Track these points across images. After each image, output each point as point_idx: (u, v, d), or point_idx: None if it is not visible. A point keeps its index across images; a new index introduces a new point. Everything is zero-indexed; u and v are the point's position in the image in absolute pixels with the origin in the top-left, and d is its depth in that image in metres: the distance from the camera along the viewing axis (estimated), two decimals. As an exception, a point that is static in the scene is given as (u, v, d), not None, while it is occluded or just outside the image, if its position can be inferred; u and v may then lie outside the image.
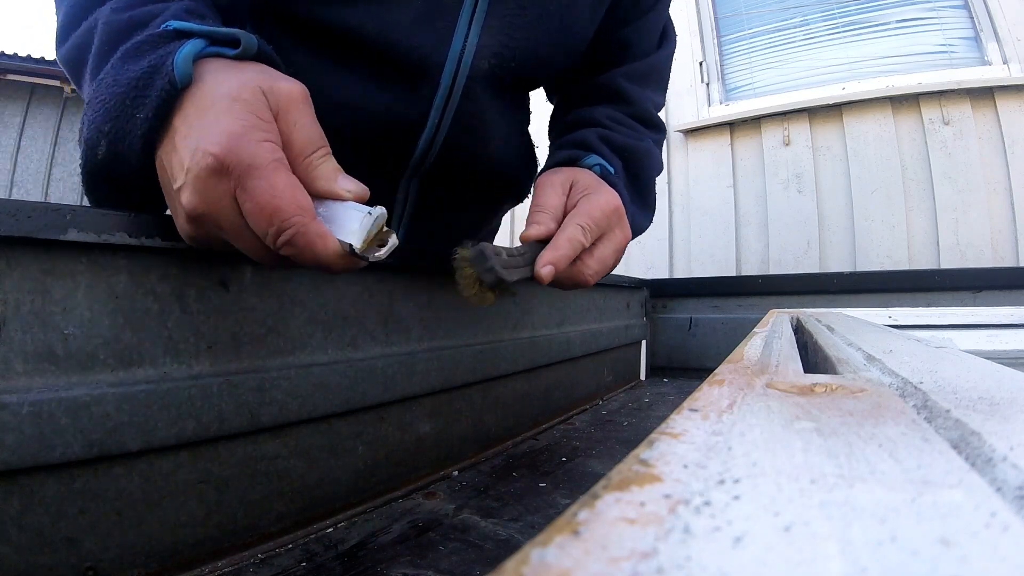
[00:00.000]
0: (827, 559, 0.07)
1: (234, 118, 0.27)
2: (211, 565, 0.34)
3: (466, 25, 0.47)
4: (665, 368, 1.19)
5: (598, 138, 0.53)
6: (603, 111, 0.58)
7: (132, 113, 0.29)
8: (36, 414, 0.27)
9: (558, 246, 0.41)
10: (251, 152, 0.27)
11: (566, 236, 0.41)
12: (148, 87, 0.28)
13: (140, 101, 0.29)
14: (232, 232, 0.29)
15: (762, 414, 0.16)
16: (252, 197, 0.27)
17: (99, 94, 0.30)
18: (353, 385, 0.42)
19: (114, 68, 0.30)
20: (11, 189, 4.06)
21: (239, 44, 0.31)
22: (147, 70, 0.29)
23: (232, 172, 0.27)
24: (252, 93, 0.29)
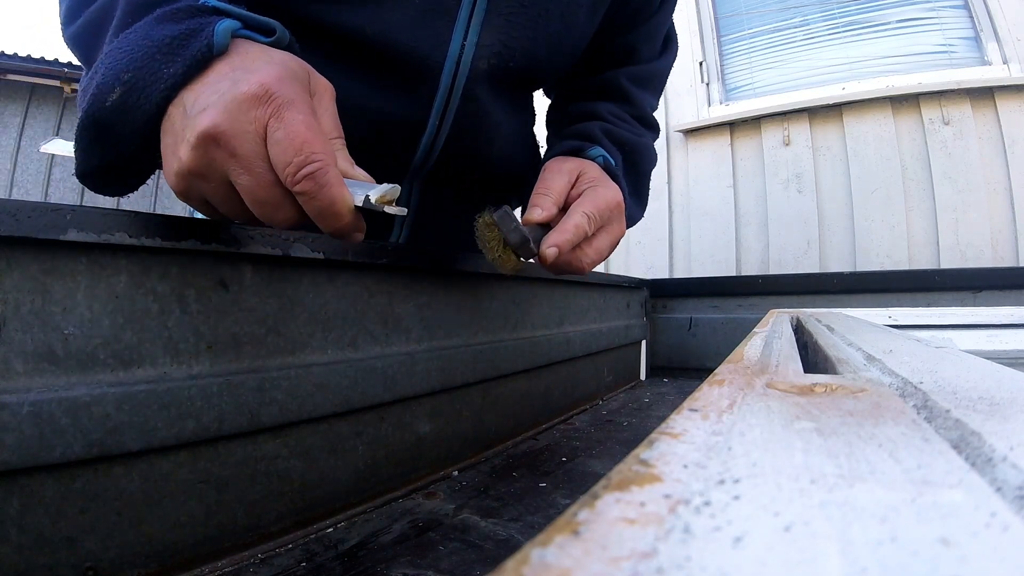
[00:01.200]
0: (827, 559, 0.07)
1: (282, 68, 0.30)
2: (211, 565, 0.34)
3: (465, 25, 0.47)
4: (665, 368, 1.19)
5: (601, 131, 0.55)
6: (605, 107, 0.59)
7: (159, 68, 0.29)
8: (36, 414, 0.27)
9: (565, 230, 0.42)
10: (296, 90, 0.29)
11: (573, 222, 0.43)
12: (182, 47, 0.29)
13: (171, 58, 0.29)
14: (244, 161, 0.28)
15: (762, 414, 0.16)
16: (288, 125, 0.28)
17: (124, 45, 0.30)
18: (353, 385, 0.42)
19: (146, 26, 0.30)
20: (11, 189, 4.06)
21: (273, 32, 0.33)
22: (184, 32, 0.30)
23: (274, 101, 0.28)
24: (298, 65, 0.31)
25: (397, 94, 0.49)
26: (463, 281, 0.55)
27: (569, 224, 0.43)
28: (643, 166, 0.59)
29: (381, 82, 0.49)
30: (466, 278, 0.55)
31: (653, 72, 0.65)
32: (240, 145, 0.28)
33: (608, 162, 0.52)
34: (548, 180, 0.47)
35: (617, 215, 0.48)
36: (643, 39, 0.63)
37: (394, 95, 0.49)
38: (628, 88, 0.61)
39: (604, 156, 0.52)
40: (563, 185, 0.46)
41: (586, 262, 0.46)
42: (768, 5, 2.11)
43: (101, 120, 0.30)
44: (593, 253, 0.46)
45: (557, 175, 0.47)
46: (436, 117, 0.51)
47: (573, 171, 0.48)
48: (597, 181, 0.48)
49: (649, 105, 0.64)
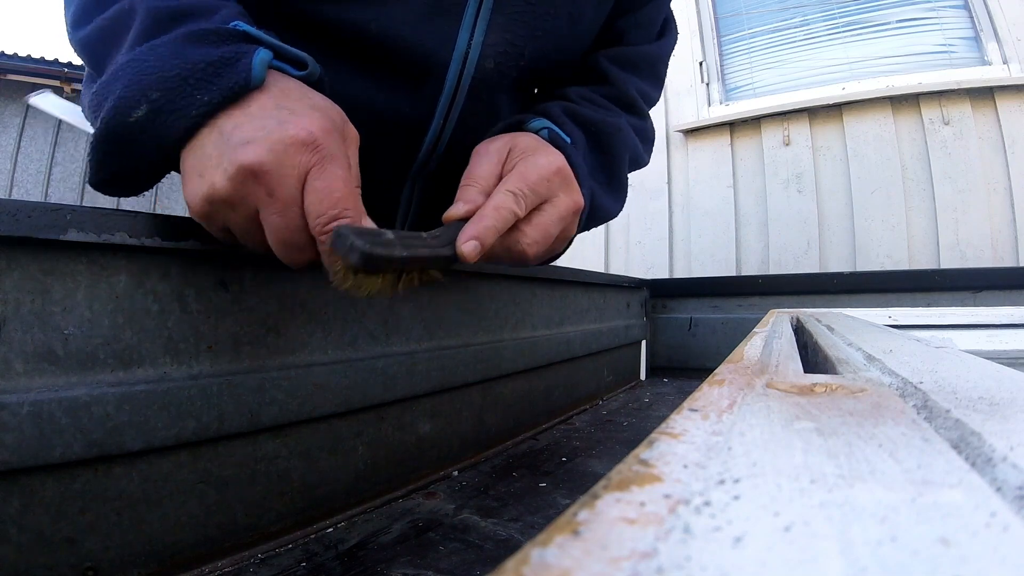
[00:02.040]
0: (827, 559, 0.07)
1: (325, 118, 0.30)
2: (211, 565, 0.34)
3: (471, 23, 0.47)
4: (665, 368, 1.19)
5: (561, 110, 0.48)
6: (575, 90, 0.54)
7: (192, 92, 0.29)
8: (36, 414, 0.27)
9: (482, 216, 0.35)
10: (337, 144, 0.30)
11: (493, 204, 0.36)
12: (218, 76, 0.29)
13: (205, 85, 0.29)
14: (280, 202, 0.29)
15: (762, 414, 0.16)
16: (328, 178, 0.28)
17: (151, 59, 0.29)
18: (353, 385, 0.42)
19: (176, 44, 0.30)
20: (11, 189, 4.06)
21: (306, 67, 0.33)
22: (220, 58, 0.29)
23: (319, 150, 0.29)
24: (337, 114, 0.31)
25: (401, 92, 0.49)
26: (463, 281, 0.55)
27: (488, 208, 0.35)
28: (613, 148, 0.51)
29: (385, 80, 0.49)
30: (466, 278, 0.55)
31: (643, 55, 0.59)
32: (280, 186, 0.28)
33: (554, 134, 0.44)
34: (473, 166, 0.40)
35: (561, 183, 0.40)
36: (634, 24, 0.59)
37: (398, 93, 0.49)
38: (607, 67, 0.56)
39: (549, 128, 0.44)
40: (491, 167, 0.39)
41: (526, 243, 0.38)
42: (768, 5, 2.11)
43: (122, 135, 0.30)
44: (536, 233, 0.38)
45: (483, 157, 0.40)
46: (441, 116, 0.50)
47: (502, 149, 0.40)
48: (531, 150, 0.40)
49: (635, 87, 0.57)
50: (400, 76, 0.48)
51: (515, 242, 0.38)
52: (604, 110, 0.53)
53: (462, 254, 0.33)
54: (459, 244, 0.34)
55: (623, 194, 0.55)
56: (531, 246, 0.38)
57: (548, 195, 0.39)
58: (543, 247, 0.39)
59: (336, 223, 0.28)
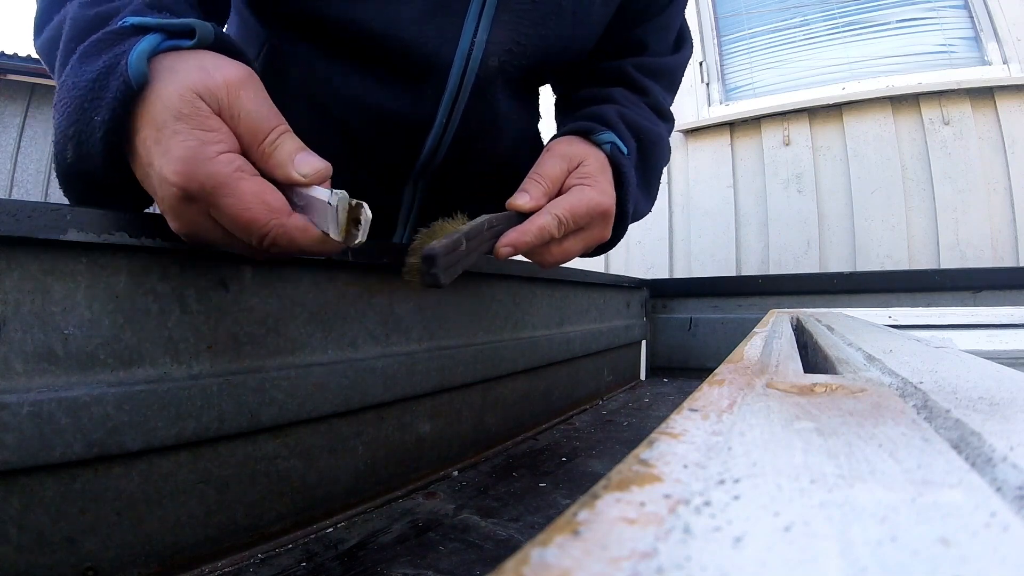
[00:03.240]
0: (827, 559, 0.07)
1: (181, 141, 0.27)
2: (211, 565, 0.34)
3: (475, 21, 0.47)
4: (665, 368, 1.19)
5: (617, 115, 0.51)
6: (619, 91, 0.56)
7: (91, 116, 0.28)
8: (36, 414, 0.27)
9: (526, 232, 0.40)
10: (208, 172, 0.27)
11: (538, 225, 0.40)
12: (104, 88, 0.28)
13: (97, 104, 0.28)
14: (221, 242, 0.29)
15: (762, 414, 0.16)
16: (224, 214, 0.27)
17: (61, 97, 0.29)
18: (353, 385, 0.42)
19: (73, 70, 0.29)
20: (11, 189, 4.05)
21: (194, 34, 0.30)
22: (102, 71, 0.28)
23: (197, 196, 0.27)
24: (191, 104, 0.28)
25: (404, 91, 0.49)
26: (463, 281, 0.55)
27: (533, 226, 0.40)
28: (656, 159, 0.56)
29: (388, 79, 0.48)
30: (466, 278, 0.55)
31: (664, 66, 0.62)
32: (209, 236, 0.29)
33: (617, 149, 0.48)
34: (544, 164, 0.44)
35: (600, 221, 0.45)
36: (653, 33, 0.61)
37: (401, 92, 0.49)
38: (636, 76, 0.58)
39: (614, 143, 0.48)
40: (559, 173, 0.44)
41: (548, 260, 0.44)
42: (768, 5, 2.10)
43: (71, 176, 0.30)
44: (559, 254, 0.44)
45: (557, 159, 0.44)
46: (444, 115, 0.50)
47: (574, 158, 0.45)
48: (591, 179, 0.45)
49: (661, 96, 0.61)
50: (403, 75, 0.48)
51: (539, 253, 0.43)
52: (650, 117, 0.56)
53: (496, 252, 0.39)
54: (499, 245, 0.39)
55: (654, 198, 0.59)
56: (550, 263, 0.44)
57: (584, 228, 0.44)
58: (560, 263, 0.45)
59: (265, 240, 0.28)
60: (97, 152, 0.29)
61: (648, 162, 0.55)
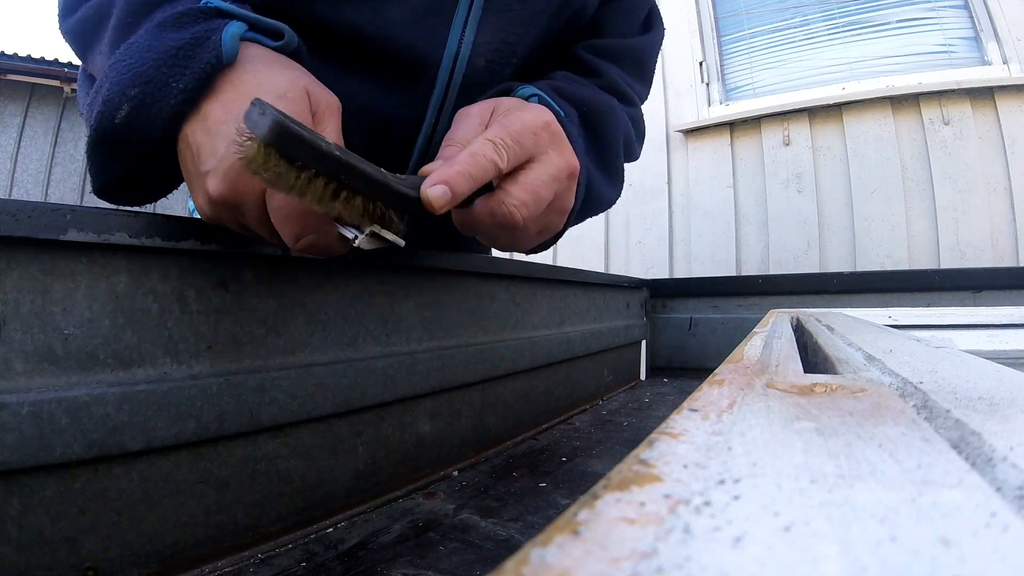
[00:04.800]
0: (827, 559, 0.07)
1: None
2: (211, 565, 0.34)
3: (462, 22, 0.47)
4: (665, 368, 1.19)
5: (548, 86, 0.44)
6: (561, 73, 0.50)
7: (167, 81, 0.28)
8: (36, 414, 0.27)
9: (455, 160, 0.30)
10: None
11: (468, 151, 0.31)
12: (190, 58, 0.28)
13: (179, 71, 0.28)
14: (252, 220, 0.29)
15: (762, 414, 0.16)
16: (280, 200, 0.27)
17: (128, 57, 0.28)
18: (353, 385, 0.42)
19: (149, 34, 0.29)
20: (11, 189, 4.06)
21: (282, 36, 0.31)
22: (190, 40, 0.28)
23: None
24: (299, 93, 0.29)
25: (394, 92, 0.49)
26: (463, 281, 0.55)
27: (461, 154, 0.31)
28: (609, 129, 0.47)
29: (379, 80, 0.49)
30: (466, 278, 0.55)
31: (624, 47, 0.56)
32: (246, 211, 0.29)
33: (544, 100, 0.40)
34: (453, 129, 0.36)
35: (551, 140, 0.35)
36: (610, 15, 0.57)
37: (391, 93, 0.49)
38: (587, 58, 0.53)
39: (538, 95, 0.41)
40: (473, 127, 0.35)
41: (512, 204, 0.33)
42: (768, 5, 2.10)
43: (112, 137, 0.29)
44: (523, 194, 0.33)
45: (464, 120, 0.36)
46: (433, 114, 0.50)
47: (485, 109, 0.37)
48: (516, 107, 0.36)
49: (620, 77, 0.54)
50: (393, 76, 0.48)
51: (499, 203, 0.33)
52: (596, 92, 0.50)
53: (427, 199, 0.29)
54: (424, 187, 0.29)
55: (620, 180, 0.51)
56: (519, 207, 0.33)
57: (535, 151, 0.34)
58: (533, 211, 0.34)
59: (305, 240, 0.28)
60: (164, 117, 0.28)
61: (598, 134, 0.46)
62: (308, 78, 0.31)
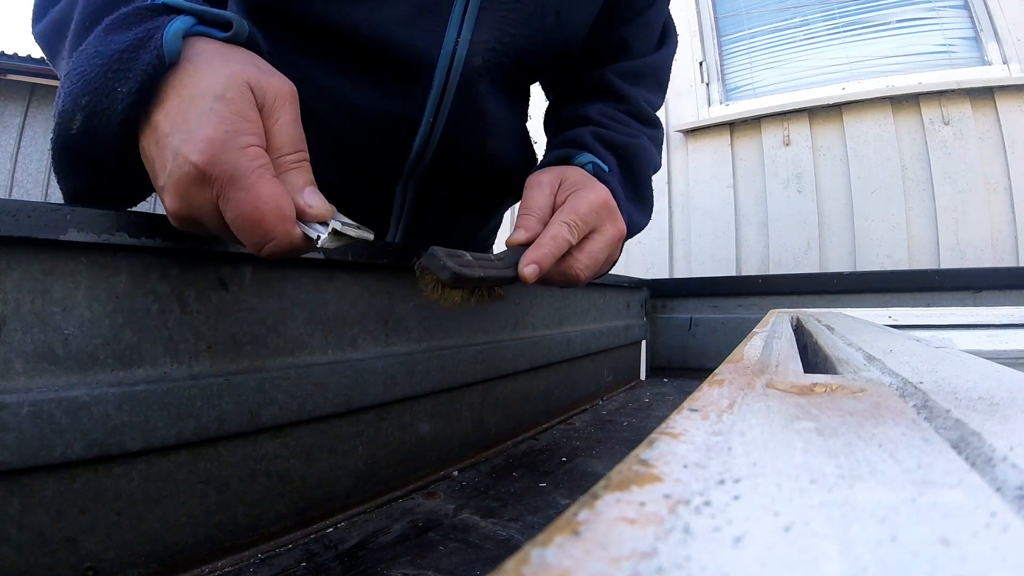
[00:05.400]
0: (827, 559, 0.07)
1: (217, 122, 0.26)
2: (211, 565, 0.34)
3: (459, 21, 0.47)
4: (665, 368, 1.19)
5: (592, 136, 0.52)
6: (597, 107, 0.57)
7: (113, 87, 0.27)
8: (36, 414, 0.27)
9: (541, 244, 0.40)
10: (233, 162, 0.26)
11: (550, 234, 0.40)
12: (133, 60, 0.27)
13: (123, 75, 0.27)
14: (216, 232, 0.29)
15: (762, 414, 0.16)
16: (234, 208, 0.26)
17: (79, 65, 0.28)
18: (353, 385, 0.42)
19: (97, 39, 0.28)
20: (11, 189, 4.06)
21: (230, 27, 0.30)
22: (133, 42, 0.27)
23: (214, 182, 0.26)
24: (238, 90, 0.27)
25: (391, 92, 0.49)
26: (463, 281, 0.55)
27: (546, 237, 0.40)
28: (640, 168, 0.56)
29: (375, 80, 0.49)
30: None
31: (649, 66, 0.62)
32: (206, 224, 0.28)
33: (598, 168, 0.49)
34: (529, 198, 0.44)
35: (607, 214, 0.45)
36: (635, 33, 0.61)
37: (388, 93, 0.49)
38: (619, 85, 0.58)
39: (593, 162, 0.49)
40: (546, 199, 0.44)
41: (579, 269, 0.43)
42: (768, 5, 2.10)
43: (71, 148, 0.29)
44: (586, 259, 0.43)
45: (537, 189, 0.45)
46: (430, 114, 0.50)
47: (554, 181, 0.45)
48: (579, 184, 0.45)
49: (646, 100, 0.61)
50: (390, 76, 0.48)
51: (569, 267, 0.42)
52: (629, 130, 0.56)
53: (523, 276, 0.39)
54: (521, 267, 0.39)
55: (650, 208, 0.59)
56: (583, 271, 0.43)
57: (596, 225, 0.44)
58: (593, 271, 0.44)
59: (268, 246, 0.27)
60: (113, 124, 0.27)
61: (634, 175, 0.55)
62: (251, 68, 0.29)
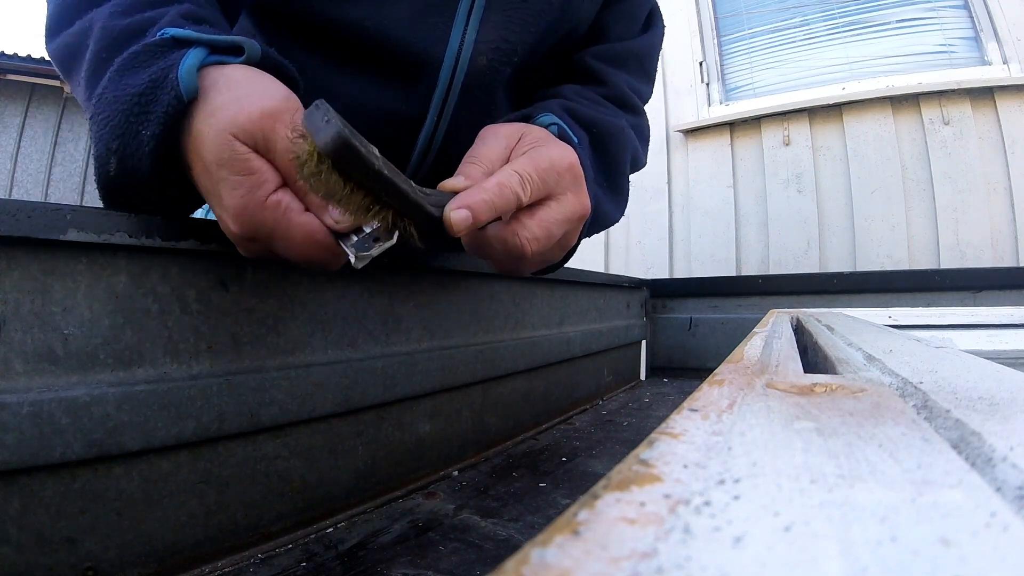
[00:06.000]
0: (827, 559, 0.07)
1: (231, 190, 0.28)
2: (211, 565, 0.34)
3: (464, 20, 0.47)
4: (665, 368, 1.19)
5: (560, 108, 0.46)
6: (570, 88, 0.51)
7: (137, 130, 0.28)
8: (36, 414, 0.27)
9: (481, 187, 0.31)
10: (260, 220, 0.28)
11: (496, 180, 0.32)
12: (152, 102, 0.28)
13: (144, 118, 0.28)
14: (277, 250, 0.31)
15: (762, 414, 0.16)
16: (283, 252, 0.30)
17: (101, 110, 0.29)
18: (353, 385, 0.42)
19: (112, 83, 0.29)
20: (11, 189, 4.06)
21: (243, 52, 0.31)
22: (148, 85, 0.28)
23: (257, 240, 0.30)
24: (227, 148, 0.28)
25: (396, 90, 0.49)
26: (463, 281, 0.55)
27: (488, 182, 0.31)
28: (616, 151, 0.48)
29: (380, 78, 0.49)
30: (466, 278, 0.55)
31: (631, 50, 0.57)
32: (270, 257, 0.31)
33: (564, 131, 0.42)
34: (478, 146, 0.36)
35: (571, 181, 0.36)
36: (615, 17, 0.58)
37: (393, 91, 0.49)
38: (597, 67, 0.54)
39: (558, 124, 0.42)
40: (499, 150, 0.36)
41: (525, 236, 0.34)
42: (768, 5, 2.10)
43: (115, 187, 0.31)
44: (537, 228, 0.34)
45: (491, 138, 0.37)
46: (435, 113, 0.50)
47: (512, 134, 0.37)
48: (542, 141, 0.37)
49: (627, 84, 0.55)
50: (395, 74, 0.48)
51: (512, 233, 0.33)
52: (604, 109, 0.51)
53: (449, 222, 0.29)
54: (448, 210, 0.29)
55: (624, 199, 0.53)
56: (531, 241, 0.34)
57: (556, 190, 0.36)
58: (543, 246, 0.35)
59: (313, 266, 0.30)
60: (146, 164, 0.29)
61: (608, 157, 0.48)
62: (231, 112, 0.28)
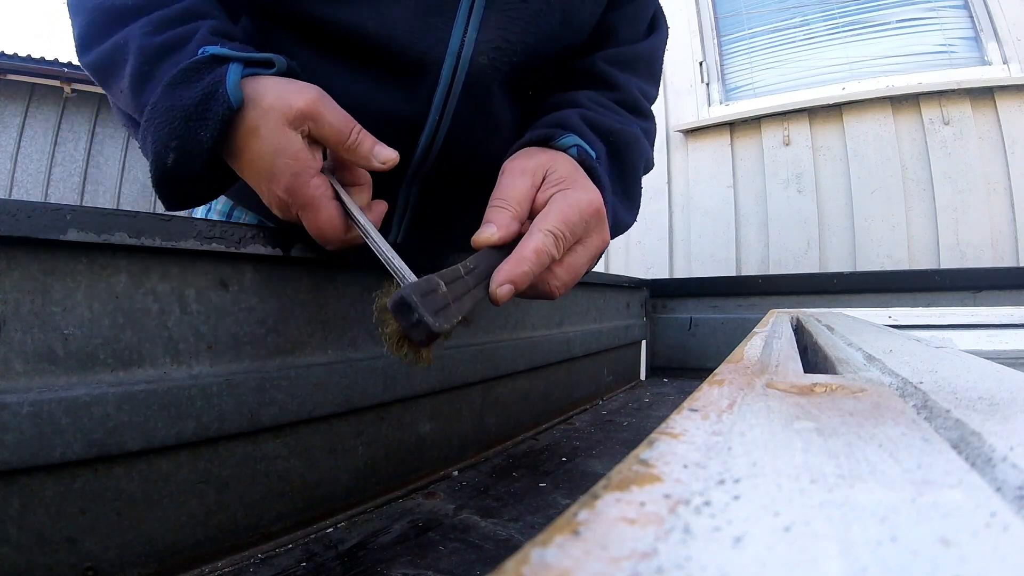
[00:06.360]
0: (827, 559, 0.07)
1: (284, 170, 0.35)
2: (211, 565, 0.34)
3: (464, 20, 0.47)
4: (665, 368, 1.19)
5: (579, 118, 0.47)
6: (585, 94, 0.53)
7: (196, 133, 0.35)
8: (36, 414, 0.27)
9: (522, 259, 0.34)
10: (305, 195, 0.35)
11: (533, 248, 0.34)
12: (207, 111, 0.34)
13: (202, 123, 0.34)
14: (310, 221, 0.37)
15: (762, 414, 0.16)
16: (307, 223, 0.36)
17: (158, 116, 0.35)
18: (353, 385, 0.42)
19: (166, 95, 0.35)
20: (11, 189, 4.06)
21: (273, 65, 0.37)
22: (202, 97, 0.34)
23: (292, 208, 0.36)
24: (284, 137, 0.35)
25: (397, 91, 0.49)
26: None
27: (528, 250, 0.34)
28: (631, 158, 0.50)
29: (381, 79, 0.49)
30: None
31: (638, 54, 0.58)
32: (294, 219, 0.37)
33: (584, 152, 0.44)
34: (505, 186, 0.38)
35: (596, 223, 0.39)
36: (623, 20, 0.58)
37: (394, 92, 0.49)
38: (609, 72, 0.55)
39: (579, 146, 0.44)
40: (525, 190, 0.38)
41: (555, 285, 0.37)
42: (768, 5, 2.11)
43: (170, 176, 0.36)
44: (565, 274, 0.38)
45: (518, 176, 0.39)
46: (436, 113, 0.50)
47: (538, 170, 0.39)
48: (567, 182, 0.39)
49: (638, 89, 0.56)
50: (396, 75, 0.48)
51: (544, 283, 0.37)
52: (619, 118, 0.52)
53: (494, 297, 0.33)
54: (493, 287, 0.33)
55: (637, 205, 0.54)
56: (559, 288, 0.38)
57: (583, 235, 0.39)
58: (569, 287, 0.39)
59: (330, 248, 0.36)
60: (203, 158, 0.35)
61: (624, 166, 0.50)
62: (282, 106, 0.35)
